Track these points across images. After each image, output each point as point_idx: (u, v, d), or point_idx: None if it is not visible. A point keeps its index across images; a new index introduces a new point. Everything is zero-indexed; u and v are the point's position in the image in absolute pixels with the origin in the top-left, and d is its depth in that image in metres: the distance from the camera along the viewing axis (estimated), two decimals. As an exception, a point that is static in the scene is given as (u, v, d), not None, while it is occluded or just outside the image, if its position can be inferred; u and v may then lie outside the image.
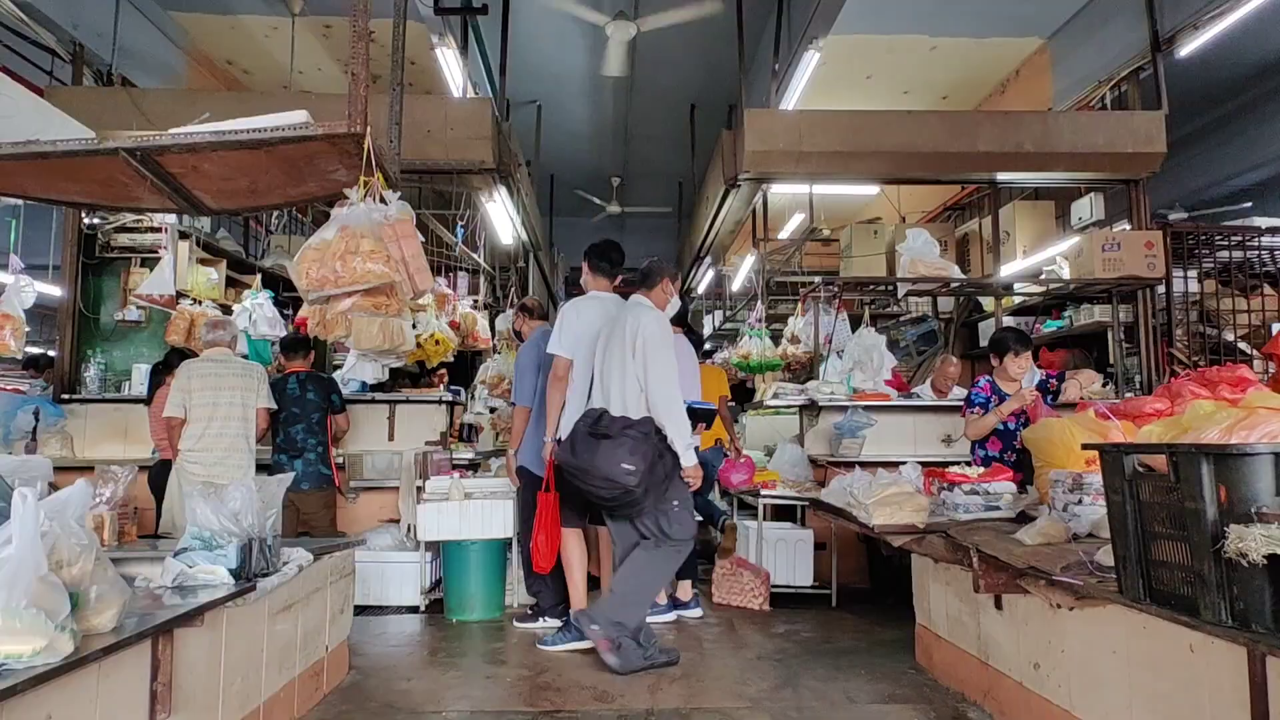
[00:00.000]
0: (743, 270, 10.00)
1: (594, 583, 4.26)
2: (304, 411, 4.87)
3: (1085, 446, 2.67)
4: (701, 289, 11.64)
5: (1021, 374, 4.16)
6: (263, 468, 4.73)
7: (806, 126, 5.97)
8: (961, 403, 4.39)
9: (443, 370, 7.09)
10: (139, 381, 5.91)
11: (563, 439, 3.92)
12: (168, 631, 2.14)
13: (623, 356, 3.65)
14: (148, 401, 5.30)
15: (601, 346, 3.80)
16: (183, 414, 4.38)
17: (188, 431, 4.35)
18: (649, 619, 4.49)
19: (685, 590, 4.73)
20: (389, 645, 4.24)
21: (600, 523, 4.15)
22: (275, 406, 4.68)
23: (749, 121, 5.97)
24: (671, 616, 4.56)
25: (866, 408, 5.39)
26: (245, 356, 5.37)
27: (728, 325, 11.47)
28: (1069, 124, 6.02)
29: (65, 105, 4.05)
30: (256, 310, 5.94)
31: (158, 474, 4.80)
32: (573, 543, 4.08)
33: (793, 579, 5.01)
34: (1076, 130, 5.96)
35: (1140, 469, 2.10)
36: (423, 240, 3.41)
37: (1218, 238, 6.16)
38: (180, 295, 5.86)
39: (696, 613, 4.68)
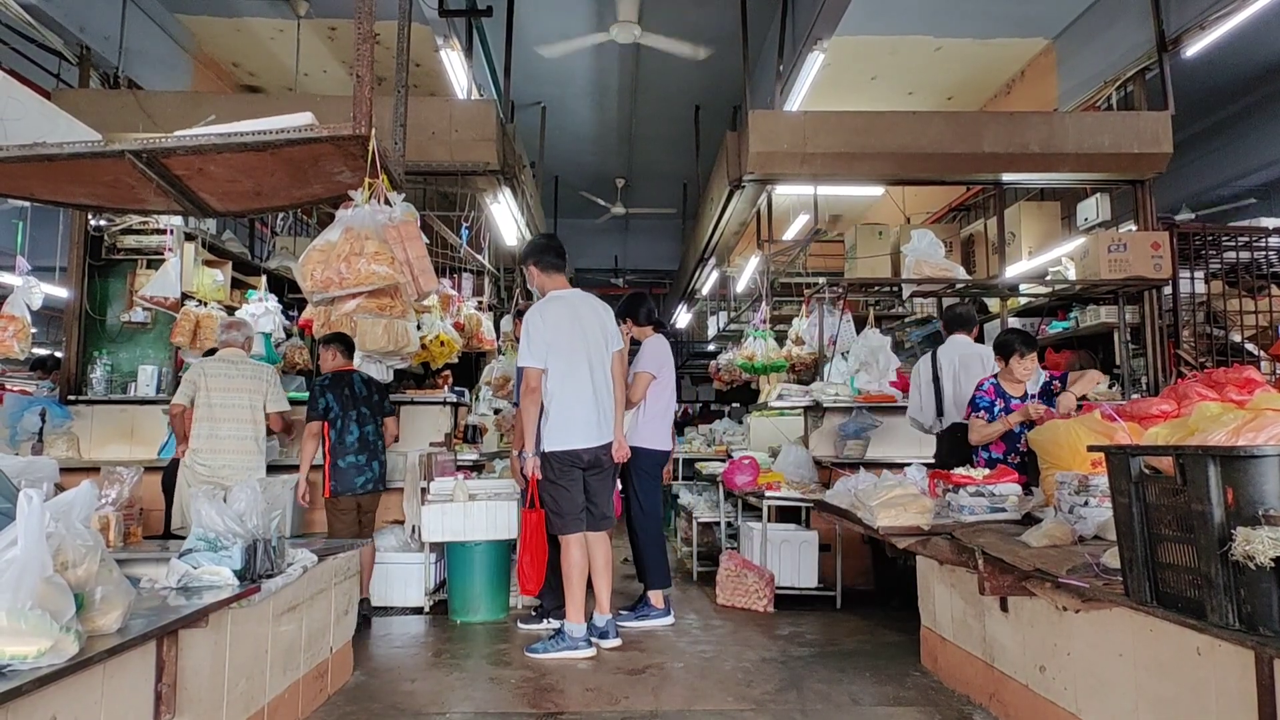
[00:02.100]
0: (747, 271, 9.99)
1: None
2: (371, 412, 4.81)
3: (1091, 448, 2.66)
4: (706, 290, 11.63)
5: (1027, 375, 4.12)
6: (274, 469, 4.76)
7: (811, 128, 5.97)
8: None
9: (447, 372, 7.09)
10: (145, 383, 5.94)
11: (582, 448, 3.96)
12: (172, 633, 2.14)
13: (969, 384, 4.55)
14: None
15: (950, 378, 4.74)
16: (187, 404, 4.40)
17: (197, 431, 4.37)
18: (647, 624, 4.49)
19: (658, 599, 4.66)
20: (393, 646, 4.24)
21: (598, 529, 4.14)
22: (288, 408, 4.66)
23: (753, 123, 5.97)
24: (670, 619, 4.55)
25: (871, 409, 5.38)
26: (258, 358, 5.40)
27: (732, 326, 11.46)
28: (1075, 125, 6.00)
29: (72, 108, 4.07)
30: (274, 312, 6.03)
31: (171, 474, 4.80)
32: (575, 550, 3.98)
33: (797, 580, 5.00)
34: (1082, 131, 5.94)
35: (1147, 471, 2.09)
36: (427, 242, 3.41)
37: (1224, 238, 6.13)
38: (186, 297, 5.88)
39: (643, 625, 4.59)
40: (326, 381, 4.82)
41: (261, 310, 6.11)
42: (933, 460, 4.71)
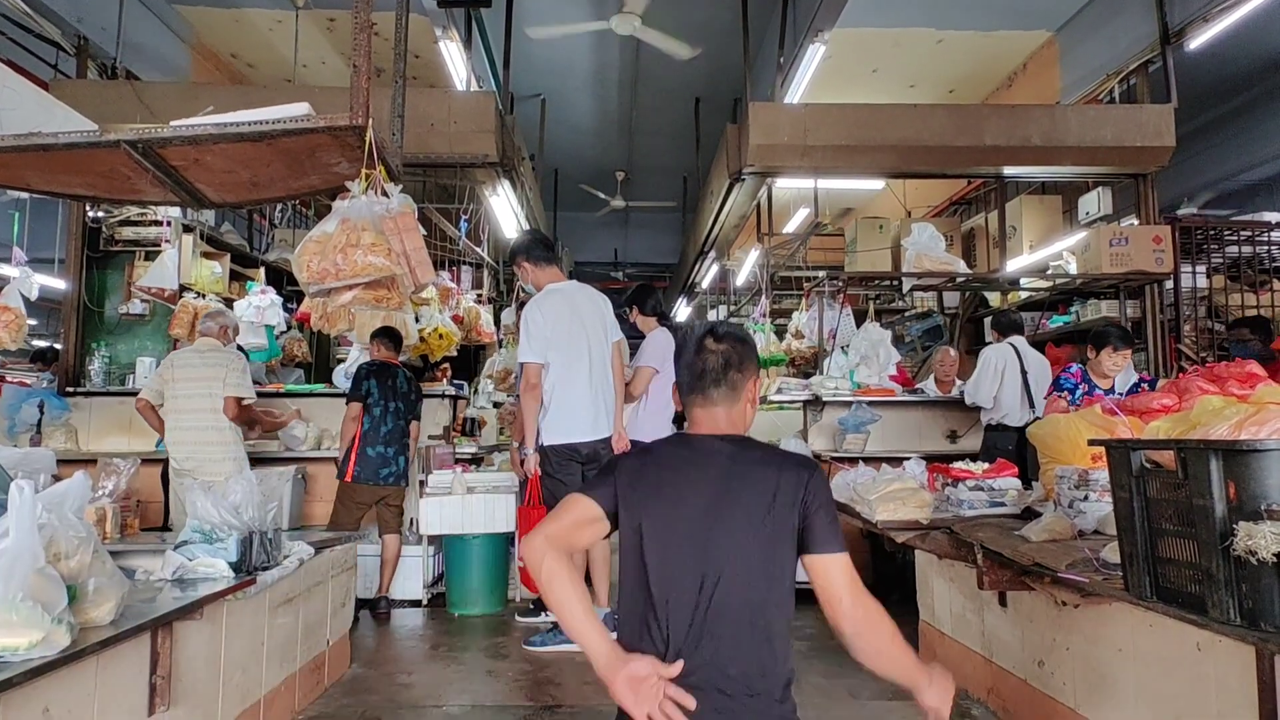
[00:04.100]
0: (747, 265, 9.95)
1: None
2: (407, 409, 4.79)
3: (1092, 442, 2.64)
4: (705, 284, 11.60)
5: (1115, 372, 4.05)
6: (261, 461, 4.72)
7: (811, 120, 5.93)
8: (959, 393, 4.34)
9: (446, 364, 7.08)
10: (143, 375, 5.92)
11: (581, 442, 3.94)
12: (167, 625, 2.13)
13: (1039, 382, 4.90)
14: None
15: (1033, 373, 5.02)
16: (150, 398, 4.36)
17: (168, 423, 4.32)
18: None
19: None
20: (391, 639, 4.24)
21: None
22: (247, 395, 4.38)
23: (753, 115, 5.93)
24: None
25: (871, 403, 5.37)
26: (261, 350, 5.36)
27: (732, 320, 11.44)
28: (1077, 118, 5.97)
29: (69, 99, 4.04)
30: (277, 304, 6.02)
31: None
32: None
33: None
34: (1084, 124, 5.90)
35: (1148, 465, 2.07)
36: (425, 234, 3.39)
37: (1226, 233, 6.11)
38: (184, 289, 5.86)
39: None
40: (373, 367, 4.80)
41: (267, 302, 6.09)
42: (934, 453, 4.71)
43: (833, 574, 1.55)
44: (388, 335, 4.89)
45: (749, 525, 1.51)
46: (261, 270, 7.10)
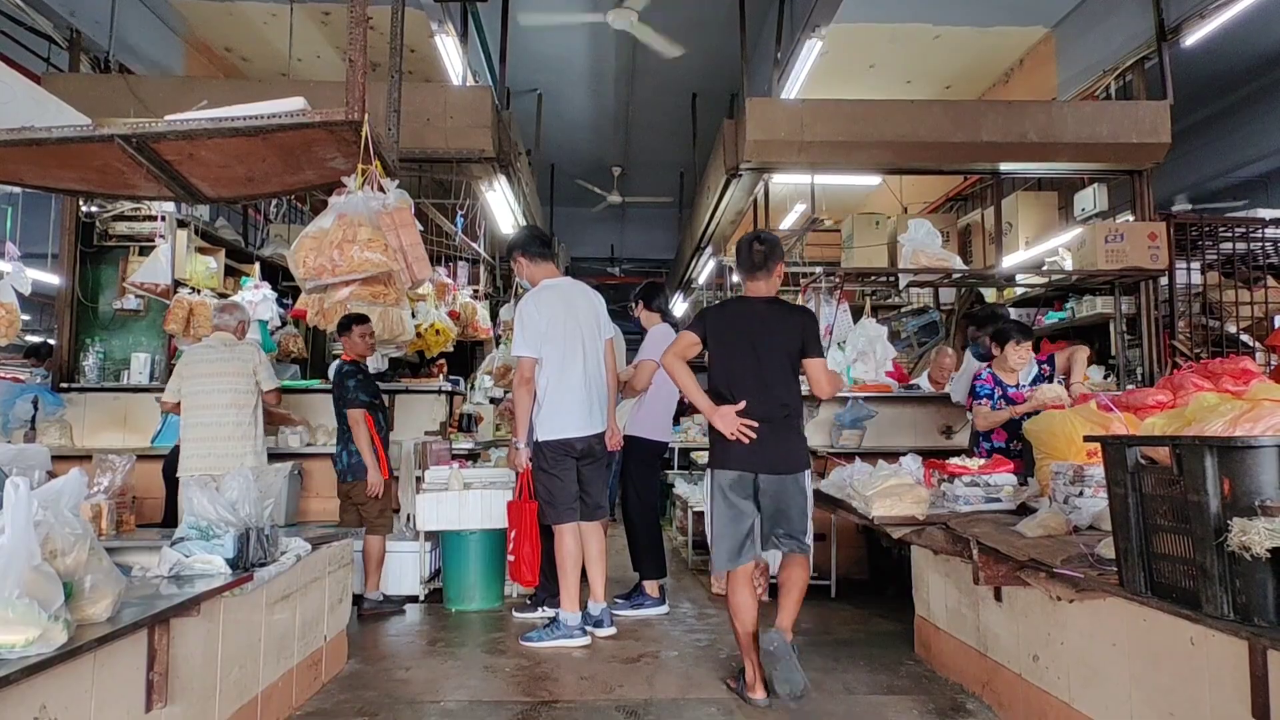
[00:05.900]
0: (744, 261, 9.94)
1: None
2: (335, 403, 4.77)
3: (1087, 438, 2.66)
4: (702, 279, 11.60)
5: (1021, 365, 4.20)
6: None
7: (808, 116, 5.92)
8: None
9: (442, 360, 7.07)
10: (138, 370, 5.91)
11: (575, 437, 3.99)
12: (164, 621, 2.13)
13: None
14: None
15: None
16: (175, 399, 4.36)
17: (185, 420, 4.33)
18: (642, 613, 4.49)
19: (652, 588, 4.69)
20: (388, 635, 4.24)
21: (592, 518, 4.13)
22: (276, 385, 4.54)
23: (750, 110, 5.92)
24: (664, 609, 4.55)
25: (867, 399, 5.37)
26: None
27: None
28: (1073, 114, 5.97)
29: (62, 93, 4.02)
30: (271, 299, 6.02)
31: (172, 462, 4.74)
32: (569, 539, 3.98)
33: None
34: (1080, 120, 5.91)
35: (1143, 461, 2.08)
36: (422, 229, 3.39)
37: (1221, 229, 6.12)
38: (179, 284, 5.84)
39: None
40: None
41: (259, 297, 6.08)
42: (930, 449, 4.72)
43: (815, 371, 3.25)
44: (340, 327, 4.68)
45: (774, 342, 3.19)
46: (256, 265, 7.08)
